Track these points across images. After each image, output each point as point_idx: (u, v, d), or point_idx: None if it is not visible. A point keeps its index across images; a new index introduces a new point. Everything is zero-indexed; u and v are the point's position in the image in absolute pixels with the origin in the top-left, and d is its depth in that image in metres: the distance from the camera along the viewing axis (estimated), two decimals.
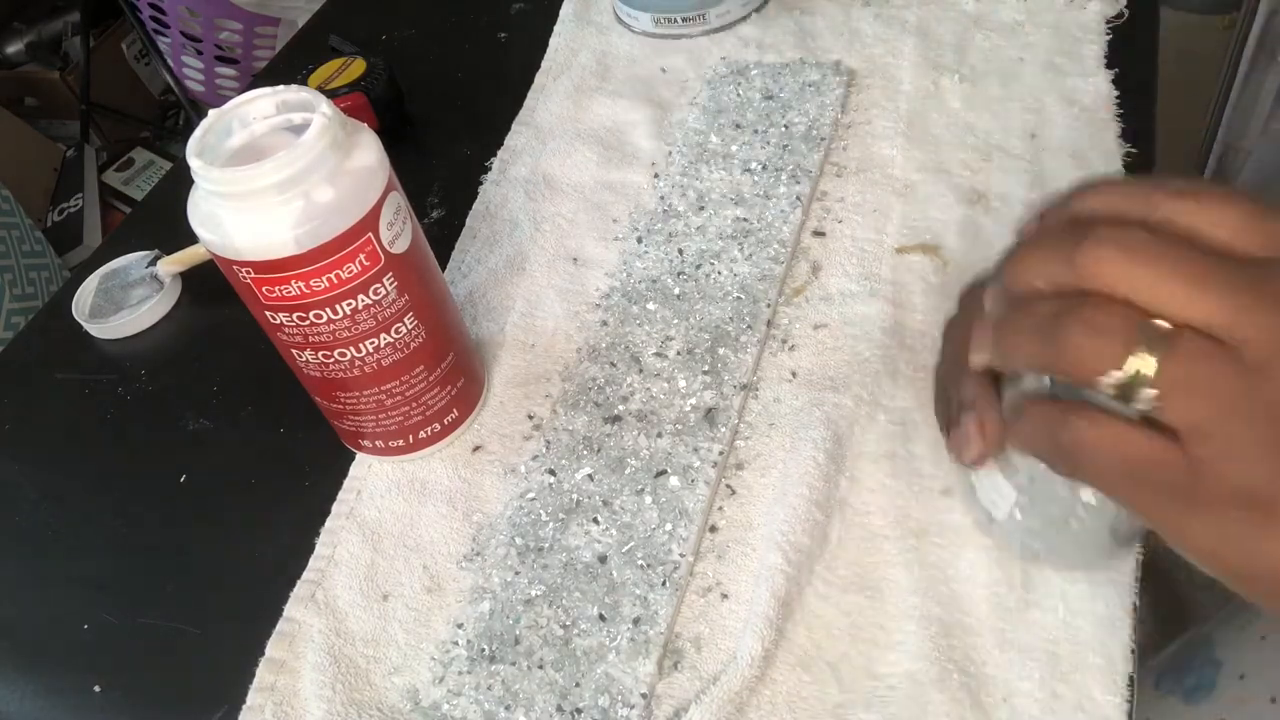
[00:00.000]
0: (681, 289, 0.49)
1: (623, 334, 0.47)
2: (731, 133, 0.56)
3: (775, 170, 0.53)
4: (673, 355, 0.46)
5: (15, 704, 0.40)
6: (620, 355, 0.47)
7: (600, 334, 0.48)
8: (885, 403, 0.43)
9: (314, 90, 0.37)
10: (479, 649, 0.38)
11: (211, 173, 0.34)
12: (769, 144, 0.55)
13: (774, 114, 0.56)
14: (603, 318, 0.49)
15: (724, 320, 0.47)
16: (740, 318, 0.47)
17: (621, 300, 0.49)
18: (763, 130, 0.56)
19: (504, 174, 0.58)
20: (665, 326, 0.47)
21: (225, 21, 1.51)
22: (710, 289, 0.48)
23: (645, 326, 0.47)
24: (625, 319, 0.48)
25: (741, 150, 0.55)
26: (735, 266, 0.49)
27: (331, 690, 0.38)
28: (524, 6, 0.71)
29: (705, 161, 0.55)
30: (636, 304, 0.49)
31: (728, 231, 0.51)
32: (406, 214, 0.38)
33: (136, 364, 0.52)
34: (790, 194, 0.52)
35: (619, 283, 0.50)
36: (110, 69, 1.76)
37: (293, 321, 0.37)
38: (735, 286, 0.48)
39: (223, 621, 0.41)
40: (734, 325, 0.47)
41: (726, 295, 0.48)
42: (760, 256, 0.49)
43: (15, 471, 0.48)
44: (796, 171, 0.53)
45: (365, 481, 0.44)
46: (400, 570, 0.41)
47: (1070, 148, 0.52)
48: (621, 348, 0.47)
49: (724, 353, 0.46)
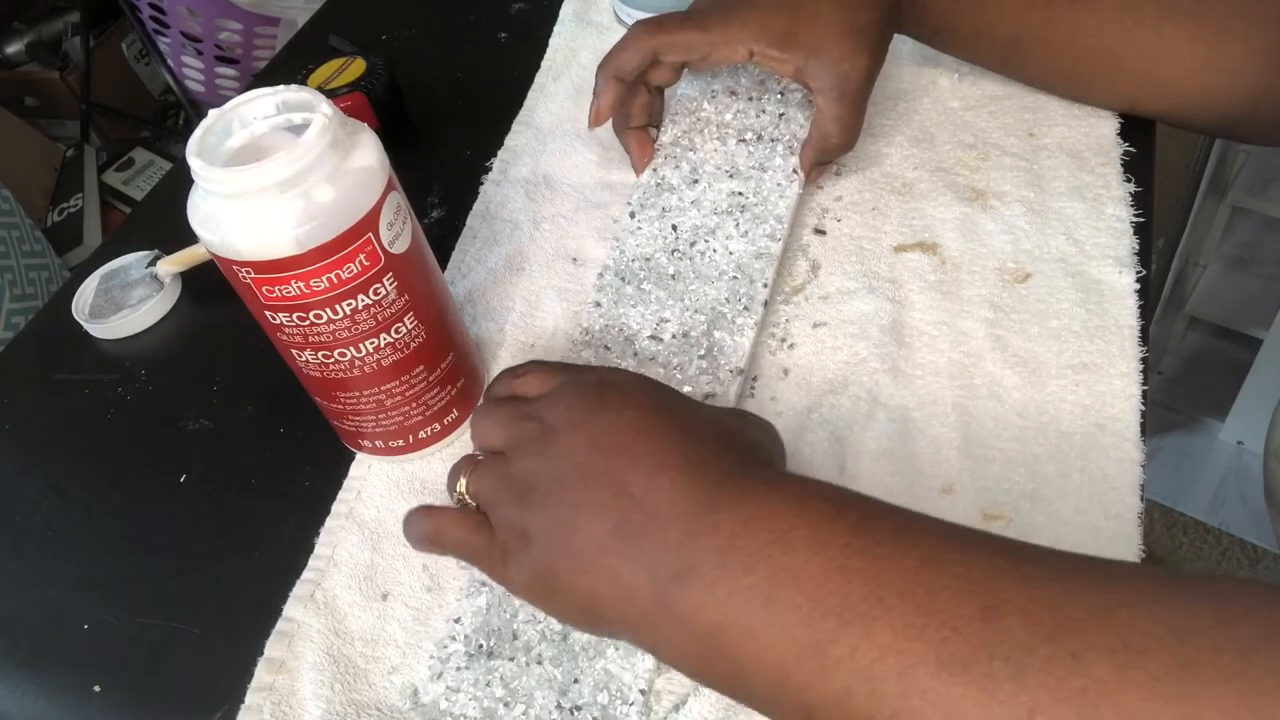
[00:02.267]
0: (676, 268, 0.48)
1: (617, 315, 0.46)
2: (725, 99, 0.54)
3: (771, 141, 0.52)
4: (668, 339, 0.45)
5: (15, 704, 0.40)
6: (614, 338, 0.46)
7: (594, 316, 0.47)
8: (884, 401, 0.44)
9: (314, 90, 0.37)
10: (477, 644, 0.38)
11: (211, 173, 0.34)
12: (764, 112, 0.53)
13: (768, 80, 0.54)
14: (596, 299, 0.48)
15: (720, 302, 0.46)
16: (737, 299, 0.46)
17: (615, 280, 0.48)
18: (758, 98, 0.54)
19: (504, 174, 0.58)
20: (660, 308, 0.46)
21: (225, 21, 1.51)
22: (705, 268, 0.47)
23: (639, 308, 0.46)
24: (619, 300, 0.47)
25: (736, 119, 0.53)
26: (731, 244, 0.48)
27: (330, 690, 0.38)
28: (524, 6, 0.71)
29: (699, 131, 0.53)
30: (630, 284, 0.47)
31: (723, 206, 0.50)
32: (406, 214, 0.38)
33: (136, 364, 0.52)
34: (786, 167, 0.50)
35: (612, 261, 0.49)
36: (110, 69, 1.76)
37: (293, 321, 0.37)
38: (731, 265, 0.47)
39: (222, 621, 0.41)
40: (730, 307, 0.46)
41: (722, 275, 0.47)
42: (756, 234, 0.48)
43: (15, 471, 0.48)
44: (793, 142, 0.51)
45: (365, 481, 0.45)
46: (400, 570, 0.41)
47: (1068, 146, 0.52)
48: (616, 330, 0.46)
49: (720, 336, 0.45)
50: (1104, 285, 0.46)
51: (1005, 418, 0.42)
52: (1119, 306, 0.45)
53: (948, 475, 0.41)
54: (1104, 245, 0.48)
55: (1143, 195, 0.50)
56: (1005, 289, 0.47)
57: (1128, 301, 0.45)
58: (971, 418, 0.42)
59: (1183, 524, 1.22)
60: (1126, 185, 0.50)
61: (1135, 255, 0.47)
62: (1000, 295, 0.47)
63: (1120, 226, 0.48)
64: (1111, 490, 0.39)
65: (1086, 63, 0.51)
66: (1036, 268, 0.47)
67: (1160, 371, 1.35)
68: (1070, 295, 0.46)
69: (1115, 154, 0.52)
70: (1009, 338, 0.45)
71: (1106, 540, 0.38)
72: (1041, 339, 0.45)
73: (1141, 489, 0.40)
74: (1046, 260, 0.48)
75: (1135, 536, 0.38)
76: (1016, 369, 0.44)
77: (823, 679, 0.27)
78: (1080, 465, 0.40)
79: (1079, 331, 0.45)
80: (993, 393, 0.43)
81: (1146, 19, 0.48)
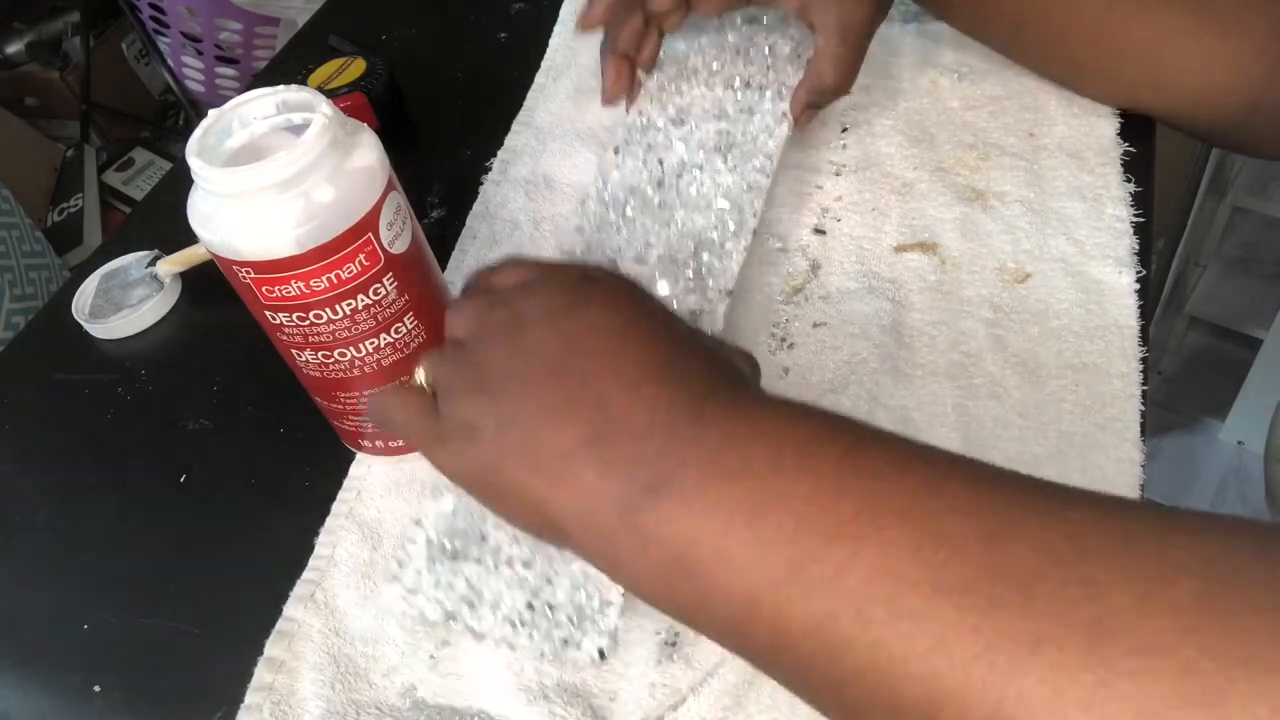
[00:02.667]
0: (662, 198, 0.46)
1: (599, 240, 0.45)
2: (713, 52, 0.53)
3: (759, 88, 0.50)
4: (653, 260, 0.43)
5: (15, 704, 0.40)
6: (597, 260, 0.44)
7: (575, 240, 0.45)
8: (884, 401, 0.44)
9: (314, 90, 0.37)
10: (441, 546, 0.36)
11: (211, 173, 0.34)
12: (752, 64, 0.52)
13: (756, 36, 0.53)
14: (579, 224, 0.46)
15: (707, 228, 0.44)
16: (724, 225, 0.44)
17: (598, 207, 0.46)
18: (744, 50, 0.52)
19: (504, 174, 0.58)
20: (645, 233, 0.45)
21: (225, 21, 1.51)
22: (693, 199, 0.46)
23: (624, 233, 0.45)
24: (602, 225, 0.45)
25: (724, 69, 0.52)
26: (719, 177, 0.46)
27: (330, 689, 0.38)
28: (524, 7, 0.71)
29: (685, 79, 0.52)
30: (614, 211, 0.46)
31: (710, 144, 0.48)
32: (406, 214, 0.38)
33: (136, 364, 0.52)
34: (775, 111, 0.49)
35: (594, 191, 0.47)
36: (110, 69, 1.76)
37: (293, 321, 0.37)
38: (720, 196, 0.46)
39: (222, 621, 0.41)
40: (719, 233, 0.44)
41: (710, 205, 0.45)
42: (746, 168, 0.47)
43: (15, 471, 0.48)
44: (781, 89, 0.50)
45: (365, 481, 0.45)
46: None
47: (1069, 146, 0.52)
48: (599, 253, 0.44)
49: (708, 259, 0.43)
50: (1104, 285, 0.46)
51: (1005, 418, 0.42)
52: (1119, 306, 0.45)
53: None
54: (1104, 245, 0.48)
55: (1143, 195, 0.50)
56: (1005, 289, 0.47)
57: (1127, 301, 0.45)
58: (971, 418, 0.42)
59: None
60: (1126, 185, 0.50)
61: (1135, 255, 0.47)
62: (1000, 295, 0.47)
63: (1120, 227, 0.48)
64: (1112, 490, 0.39)
65: (1088, 48, 0.51)
66: (1036, 268, 0.47)
67: (1160, 371, 1.35)
68: (1070, 295, 0.46)
69: (1115, 154, 0.52)
70: (1009, 338, 0.45)
71: None
72: (1041, 339, 0.45)
73: (1142, 489, 0.40)
74: (1046, 260, 0.48)
75: None
76: (1016, 369, 0.44)
77: (802, 602, 0.25)
78: (1080, 465, 0.40)
79: (1079, 331, 0.45)
80: (993, 393, 0.43)
81: (1152, 5, 0.48)
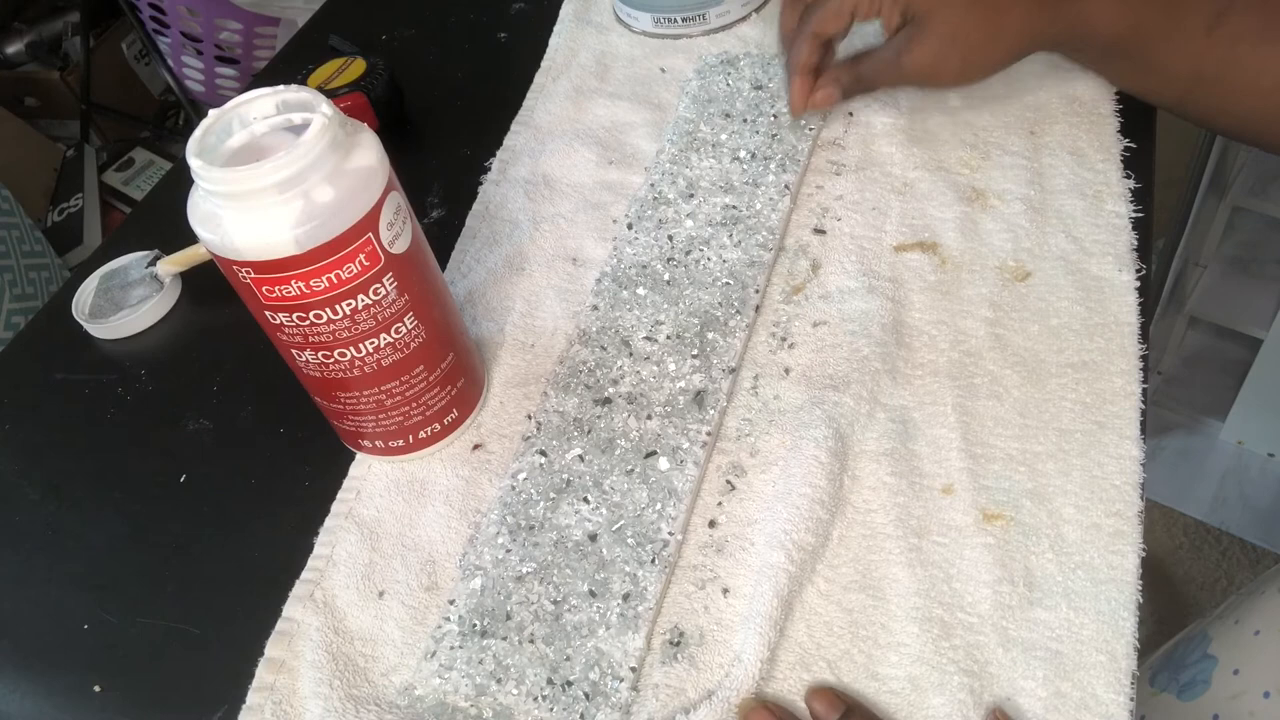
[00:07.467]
0: (671, 275, 0.49)
1: (613, 318, 0.48)
2: (721, 121, 0.56)
3: (764, 159, 0.54)
4: (662, 339, 0.47)
5: (15, 704, 0.40)
6: (611, 339, 0.47)
7: (591, 318, 0.48)
8: (885, 400, 0.44)
9: (314, 90, 0.37)
10: (470, 624, 0.38)
11: (211, 173, 0.34)
12: (758, 133, 0.55)
13: (763, 104, 0.57)
14: (594, 302, 0.49)
15: (713, 305, 0.47)
16: (729, 303, 0.47)
17: (612, 285, 0.49)
18: (751, 119, 0.56)
19: (504, 174, 0.58)
20: (655, 311, 0.48)
21: (225, 21, 1.51)
22: (700, 275, 0.49)
23: (635, 311, 0.48)
24: (616, 304, 0.49)
25: (731, 139, 0.55)
26: (724, 253, 0.50)
27: (330, 688, 0.38)
28: (524, 6, 0.71)
29: (695, 150, 0.55)
30: (627, 289, 0.49)
31: (717, 218, 0.51)
32: (406, 214, 0.38)
33: (136, 364, 0.52)
34: (779, 182, 0.52)
35: (610, 268, 0.50)
36: (110, 69, 1.75)
37: (293, 321, 0.37)
38: (724, 273, 0.49)
39: (222, 621, 0.41)
40: (723, 310, 0.47)
41: (715, 281, 0.48)
42: (749, 244, 0.50)
43: (15, 471, 0.48)
44: (785, 160, 0.53)
45: (364, 481, 0.45)
46: (398, 569, 0.41)
47: (1069, 145, 0.52)
48: (612, 331, 0.47)
49: (713, 337, 0.46)
50: (1104, 282, 0.46)
51: (1005, 416, 0.42)
52: (1119, 304, 0.45)
53: (948, 474, 0.41)
54: (1103, 242, 0.48)
55: (1142, 191, 0.50)
56: (1005, 287, 0.47)
57: (1127, 299, 0.45)
58: (971, 416, 0.42)
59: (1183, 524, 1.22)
60: (1126, 181, 0.50)
61: (1134, 252, 0.47)
62: (1000, 294, 0.47)
63: (1120, 223, 0.48)
64: (1112, 488, 0.39)
65: (1264, 101, 0.47)
66: (1036, 266, 0.47)
67: (1160, 371, 1.35)
68: (1070, 293, 0.46)
69: (1115, 150, 0.52)
70: (1009, 336, 0.45)
71: (1107, 538, 0.38)
72: (1041, 337, 0.45)
73: (1141, 487, 0.40)
74: (1046, 258, 0.48)
75: (1135, 535, 0.38)
76: (1016, 367, 0.44)
77: None
78: (1080, 463, 0.40)
79: (1079, 329, 0.45)
80: (993, 391, 0.43)
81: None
